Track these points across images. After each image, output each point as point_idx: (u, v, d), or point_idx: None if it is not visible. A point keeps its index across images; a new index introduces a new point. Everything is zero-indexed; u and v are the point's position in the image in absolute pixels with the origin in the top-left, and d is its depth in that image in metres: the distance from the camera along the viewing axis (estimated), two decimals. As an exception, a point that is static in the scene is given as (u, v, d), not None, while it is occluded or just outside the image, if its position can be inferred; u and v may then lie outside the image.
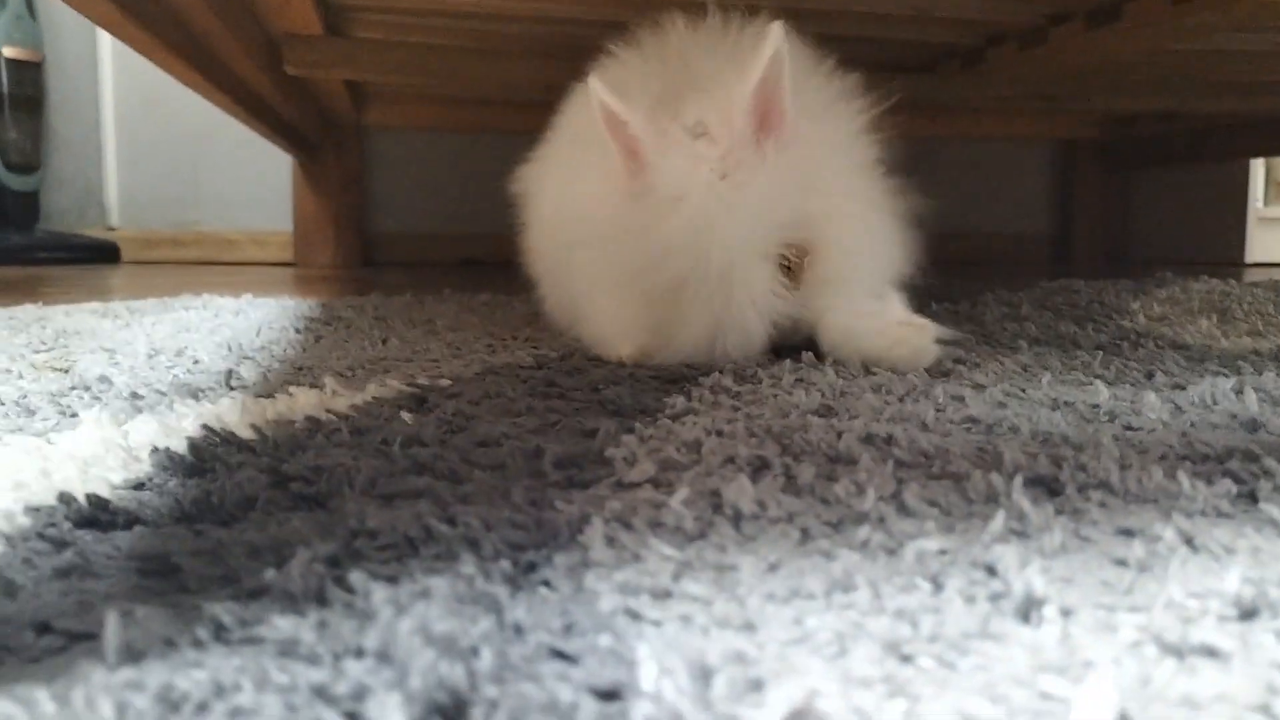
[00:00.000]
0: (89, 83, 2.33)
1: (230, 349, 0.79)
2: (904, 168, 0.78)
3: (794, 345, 0.75)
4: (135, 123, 2.34)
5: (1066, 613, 0.30)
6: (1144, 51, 1.47)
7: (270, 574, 0.31)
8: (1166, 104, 2.01)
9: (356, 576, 0.30)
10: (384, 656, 0.26)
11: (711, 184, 0.67)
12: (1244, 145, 2.19)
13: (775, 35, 0.66)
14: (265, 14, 1.36)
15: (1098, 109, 2.25)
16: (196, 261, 2.32)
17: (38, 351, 0.77)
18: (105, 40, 2.29)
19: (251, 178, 2.37)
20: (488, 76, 1.68)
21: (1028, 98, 1.93)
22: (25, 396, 0.59)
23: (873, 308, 0.73)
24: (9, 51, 2.18)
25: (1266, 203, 2.46)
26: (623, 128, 0.69)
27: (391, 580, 0.31)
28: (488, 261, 2.31)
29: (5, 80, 2.18)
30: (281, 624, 0.27)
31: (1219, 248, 2.39)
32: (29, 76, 2.22)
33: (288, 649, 0.27)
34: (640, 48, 0.81)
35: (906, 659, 0.27)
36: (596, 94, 0.68)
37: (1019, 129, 2.40)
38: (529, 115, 2.16)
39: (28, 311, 1.01)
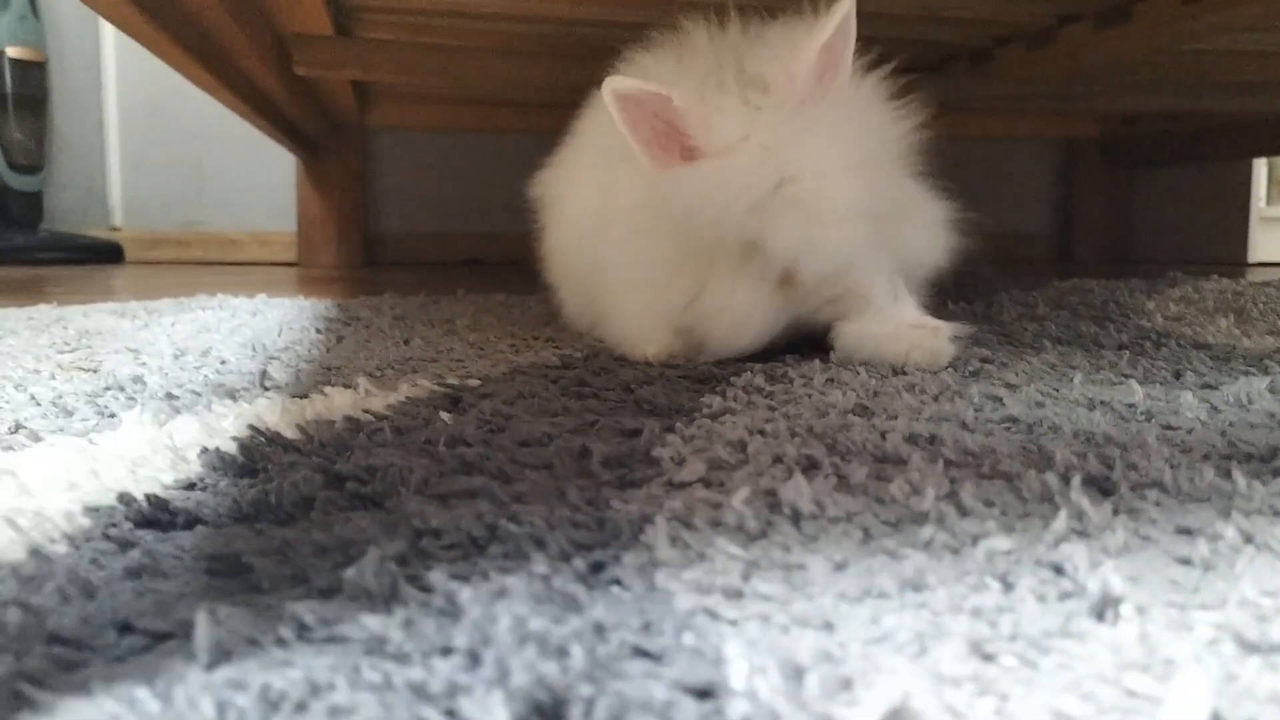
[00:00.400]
0: (93, 82, 2.32)
1: (255, 349, 0.79)
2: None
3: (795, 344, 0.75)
4: (139, 123, 2.33)
5: (1141, 611, 0.30)
6: (1152, 51, 1.47)
7: (346, 573, 0.31)
8: (1172, 103, 2.02)
9: (436, 576, 0.30)
10: (474, 655, 0.26)
11: (778, 122, 0.67)
12: (1246, 144, 2.20)
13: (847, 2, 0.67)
14: (275, 14, 1.36)
15: (1102, 108, 2.26)
16: (199, 261, 2.32)
17: (62, 352, 0.77)
18: (109, 40, 2.29)
19: (255, 178, 2.37)
20: (497, 77, 1.68)
21: (1034, 97, 1.94)
22: (60, 397, 0.59)
23: (886, 311, 0.73)
24: (12, 51, 2.17)
25: (1269, 202, 2.47)
26: (659, 108, 0.67)
27: (464, 579, 0.31)
28: (492, 261, 2.31)
29: (9, 80, 2.17)
30: (369, 622, 0.27)
31: (1221, 247, 2.40)
32: (33, 76, 2.21)
33: (374, 648, 0.27)
34: (656, 51, 0.82)
35: (989, 658, 0.27)
36: (621, 87, 0.67)
37: (1023, 128, 2.40)
38: (535, 115, 2.18)
39: (45, 312, 1.00)
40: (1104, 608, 0.30)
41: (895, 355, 0.70)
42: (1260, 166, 2.39)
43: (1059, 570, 0.33)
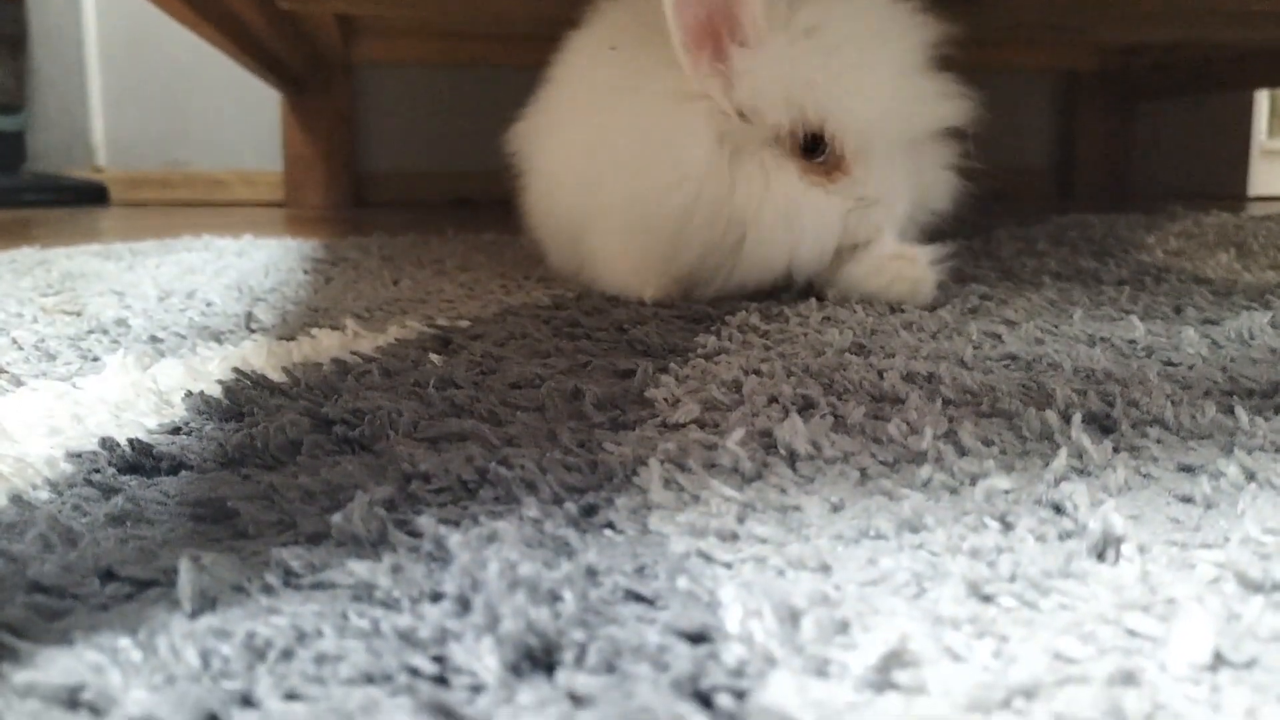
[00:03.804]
0: (72, 20, 2.26)
1: (240, 291, 0.77)
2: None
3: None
4: (120, 61, 2.28)
5: (1142, 550, 0.29)
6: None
7: (333, 518, 0.30)
8: (1172, 34, 1.98)
9: (425, 521, 0.30)
10: (464, 600, 0.25)
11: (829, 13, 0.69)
12: (1249, 76, 2.16)
13: None
14: (256, -56, 1.32)
15: (1102, 39, 2.22)
16: (185, 202, 2.28)
17: (45, 295, 0.75)
18: (86, -27, 2.23)
19: (240, 116, 2.32)
20: (481, 8, 1.64)
21: (1032, 27, 1.90)
22: (43, 340, 0.58)
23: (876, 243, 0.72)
24: (-13, -14, 2.11)
25: (1270, 135, 2.44)
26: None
27: (454, 524, 0.31)
28: (482, 200, 2.28)
29: (-16, 17, 2.12)
30: (356, 568, 0.27)
31: (1222, 181, 2.37)
32: (10, 14, 2.16)
33: (362, 594, 0.26)
34: None
35: (988, 599, 0.27)
36: None
37: (1021, 60, 2.36)
38: (521, 49, 2.13)
39: (28, 255, 0.99)
40: (1105, 547, 0.29)
41: (877, 289, 0.70)
42: (1262, 99, 2.35)
43: (1059, 509, 0.32)
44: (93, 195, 2.19)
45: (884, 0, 0.72)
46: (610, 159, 0.72)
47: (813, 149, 0.69)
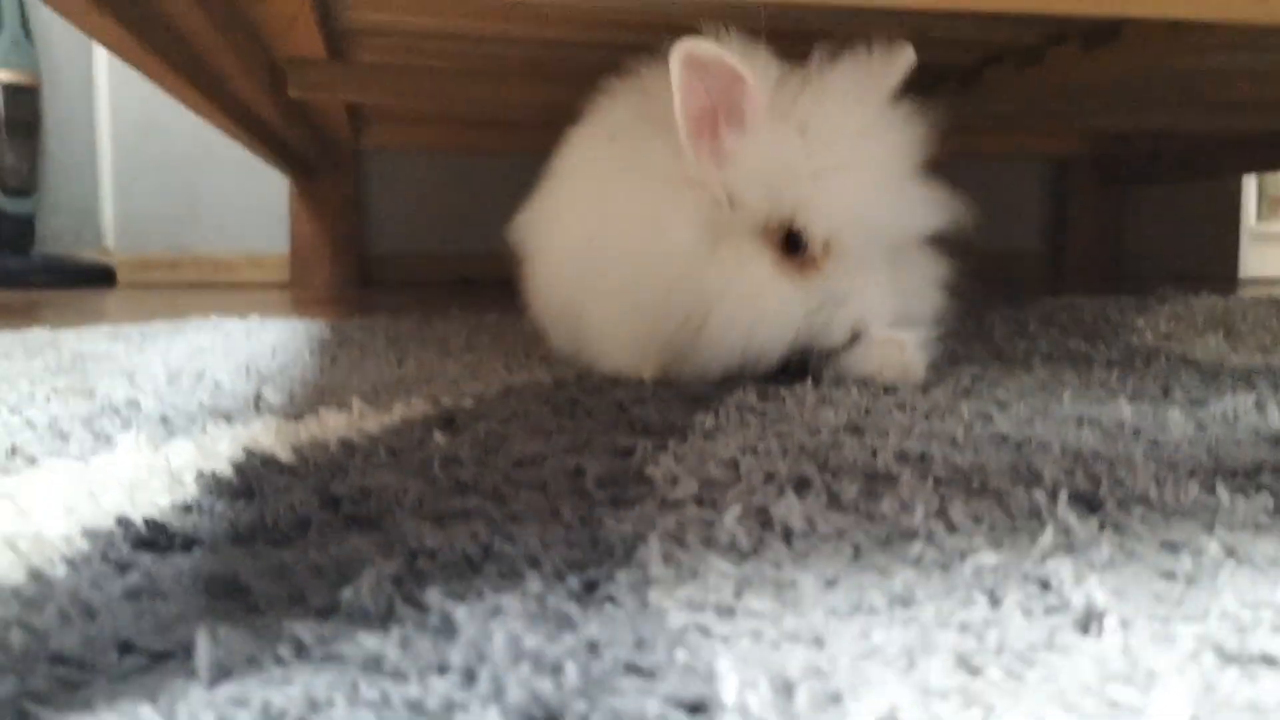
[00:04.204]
0: (85, 106, 2.33)
1: (249, 371, 0.79)
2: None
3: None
4: (131, 146, 2.34)
5: (1125, 624, 0.30)
6: (1141, 71, 1.49)
7: (342, 592, 0.31)
8: (1161, 122, 2.04)
9: (431, 595, 0.31)
10: (470, 672, 0.26)
11: (827, 107, 0.72)
12: (1236, 161, 2.22)
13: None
14: (270, 38, 1.37)
15: (1092, 126, 2.28)
16: (192, 284, 2.32)
17: (56, 375, 0.77)
18: (102, 63, 2.30)
19: (248, 200, 2.37)
20: (487, 99, 1.69)
21: (1024, 116, 1.96)
22: (56, 420, 0.59)
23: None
24: (5, 75, 2.18)
25: (1260, 218, 2.49)
26: (725, 79, 0.68)
27: (460, 598, 0.32)
28: (485, 280, 2.32)
29: (1, 104, 2.18)
30: (366, 641, 0.28)
31: (1213, 263, 2.42)
32: (25, 100, 2.22)
33: (371, 665, 0.27)
34: (639, 81, 0.82)
35: (976, 671, 0.28)
36: (698, 50, 0.67)
37: (1014, 146, 2.42)
38: (524, 136, 2.19)
39: (38, 336, 1.01)
40: (1088, 621, 0.30)
41: (869, 373, 0.72)
42: (1250, 184, 2.41)
43: (1045, 585, 0.33)
44: (100, 277, 2.23)
45: (883, 99, 0.74)
46: (607, 241, 0.75)
47: (794, 245, 0.71)
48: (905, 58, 0.76)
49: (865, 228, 0.71)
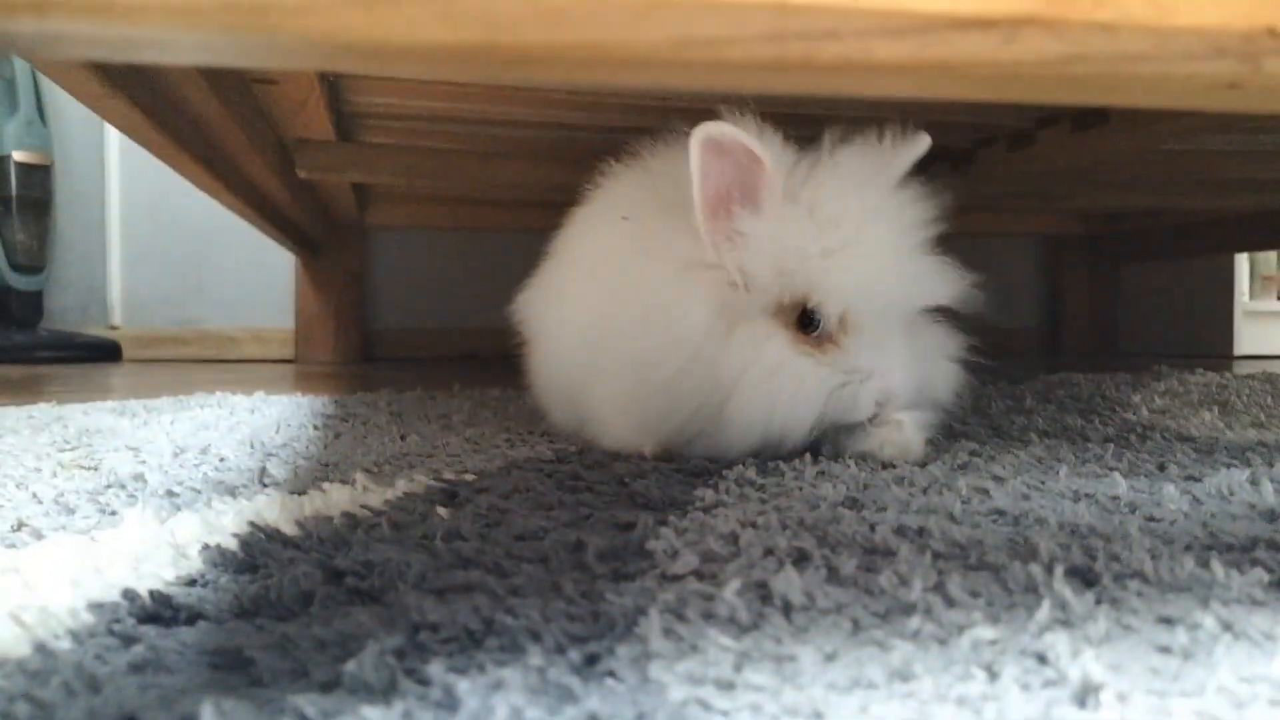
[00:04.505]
0: (96, 185, 2.38)
1: (253, 446, 0.80)
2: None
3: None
4: (140, 223, 2.38)
5: (1122, 698, 0.31)
6: (1130, 152, 1.53)
7: (345, 666, 0.32)
8: (1152, 201, 2.08)
9: (434, 669, 0.31)
10: (472, 746, 0.27)
11: (842, 188, 0.73)
12: (1228, 240, 2.26)
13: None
14: (279, 120, 1.41)
15: (1084, 205, 2.32)
16: (198, 359, 2.34)
17: (62, 450, 0.78)
18: (114, 143, 2.35)
19: (253, 276, 2.41)
20: (491, 178, 1.73)
21: (1017, 196, 2.00)
22: (62, 495, 0.60)
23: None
24: (19, 156, 2.23)
25: (1252, 296, 2.52)
26: (744, 160, 0.70)
27: (462, 672, 0.32)
28: (487, 355, 2.34)
29: (14, 183, 2.23)
30: (369, 715, 0.28)
31: (1207, 340, 2.44)
32: (38, 179, 2.27)
33: (374, 740, 0.28)
34: (641, 163, 0.84)
35: (974, 745, 0.28)
36: (717, 132, 0.69)
37: (1008, 225, 2.46)
38: (528, 214, 2.23)
39: (45, 411, 1.01)
40: (1085, 695, 0.31)
41: (868, 449, 0.72)
42: (1242, 261, 2.44)
43: (1042, 659, 0.34)
44: (106, 352, 2.25)
45: (890, 180, 0.76)
46: (617, 322, 0.75)
47: (808, 323, 0.72)
48: (920, 144, 0.77)
49: (878, 300, 0.72)
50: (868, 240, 0.72)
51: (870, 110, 1.35)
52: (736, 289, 0.72)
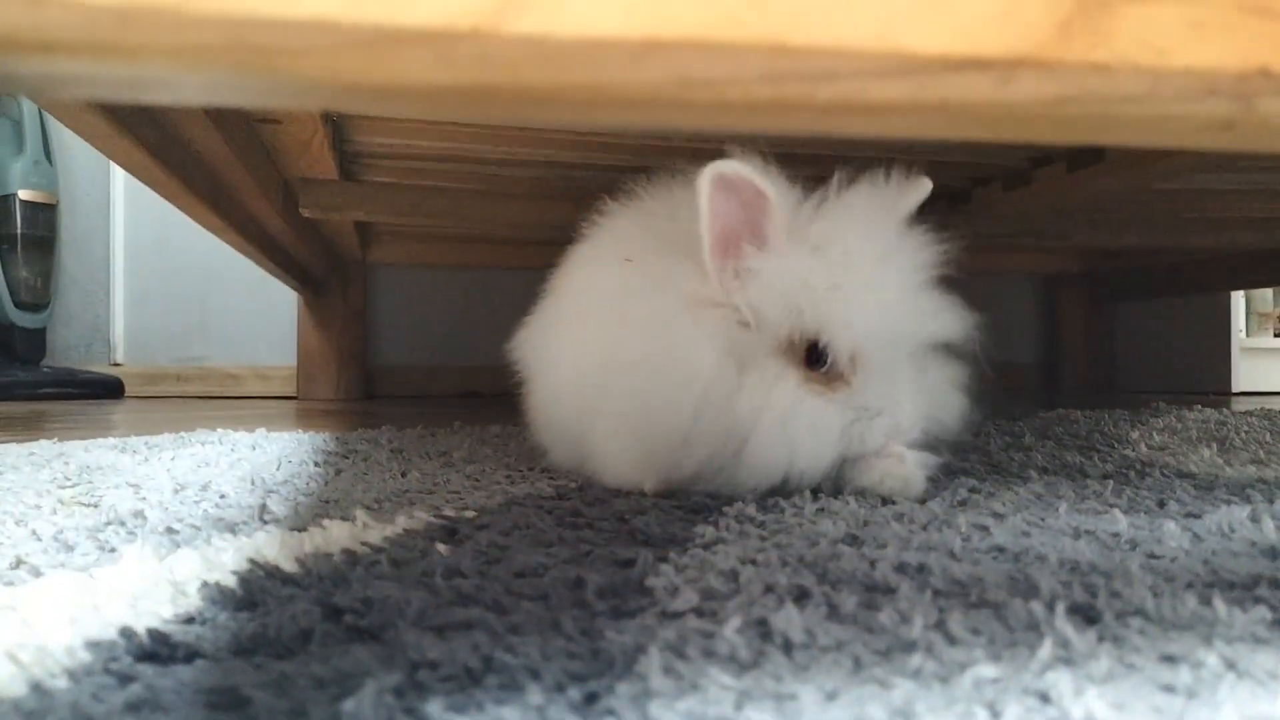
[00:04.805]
0: (100, 224, 2.40)
1: (254, 483, 0.80)
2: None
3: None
4: (143, 261, 2.40)
5: (1126, 737, 0.30)
6: (1124, 191, 1.54)
7: (344, 705, 0.31)
8: (1148, 240, 2.09)
9: (432, 707, 0.31)
10: (470, 786, 0.26)
11: (849, 232, 0.74)
12: (1224, 278, 2.27)
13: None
14: (283, 159, 1.43)
15: (1081, 243, 2.34)
16: (199, 396, 2.34)
17: (63, 487, 0.78)
18: (119, 183, 2.37)
19: (256, 314, 2.42)
20: (492, 217, 1.74)
21: (1014, 234, 2.01)
22: (61, 532, 0.59)
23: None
24: (25, 194, 2.25)
25: (1249, 333, 2.53)
26: (752, 201, 0.70)
27: (460, 711, 0.32)
28: (488, 393, 2.34)
29: (20, 222, 2.24)
30: (367, 754, 0.28)
31: (1205, 377, 2.44)
32: (43, 218, 2.29)
33: (372, 780, 0.27)
34: (639, 202, 0.85)
35: (977, 785, 0.28)
36: (728, 170, 0.69)
37: (1004, 263, 2.48)
38: (529, 252, 2.24)
39: (46, 447, 1.01)
40: (1089, 735, 0.30)
41: (869, 484, 0.72)
42: (1239, 299, 2.45)
43: (1045, 698, 0.33)
44: (108, 389, 2.25)
45: (896, 221, 0.76)
46: (619, 362, 0.75)
47: (817, 360, 0.72)
48: (922, 188, 0.78)
49: (887, 336, 0.73)
50: (876, 278, 0.72)
51: (867, 150, 1.37)
52: (746, 328, 0.72)
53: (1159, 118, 0.34)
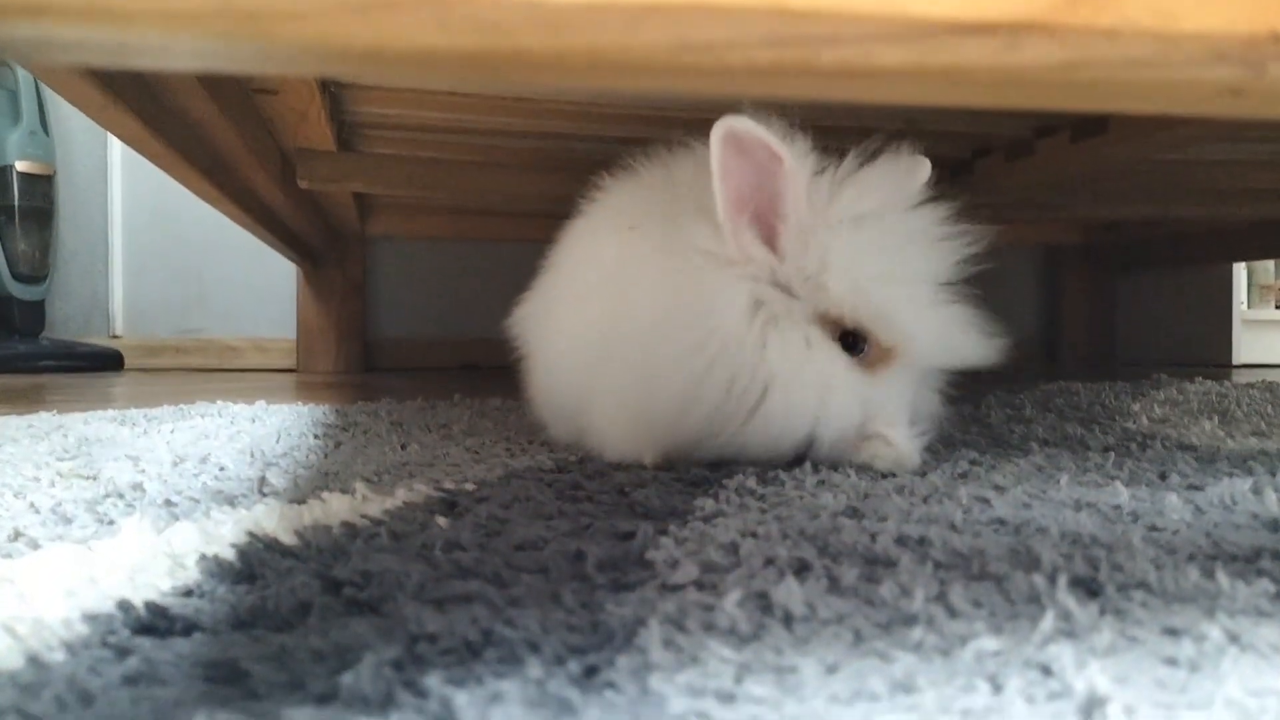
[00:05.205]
0: (98, 195, 2.38)
1: (253, 456, 0.79)
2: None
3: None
4: (142, 234, 2.39)
5: (1129, 711, 0.30)
6: (1128, 162, 1.53)
7: (341, 678, 0.31)
8: (1150, 211, 2.08)
9: (431, 681, 0.31)
10: (469, 759, 0.26)
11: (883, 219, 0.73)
12: (1226, 250, 2.26)
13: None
14: (281, 130, 1.41)
15: (1083, 215, 2.32)
16: (199, 369, 2.34)
17: (61, 459, 0.77)
18: (116, 154, 2.36)
19: (255, 286, 2.41)
20: (491, 189, 1.73)
21: (1015, 206, 2.00)
22: (60, 504, 0.59)
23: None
24: (22, 166, 2.23)
25: (1251, 305, 2.52)
26: (766, 162, 0.69)
27: (460, 684, 0.32)
28: (488, 366, 2.34)
29: (17, 193, 2.23)
30: (365, 728, 0.28)
31: (1206, 350, 2.44)
32: (40, 189, 2.27)
33: (370, 753, 0.27)
34: (637, 176, 0.84)
35: (978, 758, 0.28)
36: (739, 127, 0.67)
37: (1006, 235, 2.46)
38: (529, 225, 2.23)
39: (45, 420, 1.01)
40: (1091, 708, 0.30)
41: (864, 460, 0.72)
42: (1240, 270, 2.44)
43: (1047, 671, 0.33)
44: (108, 361, 2.25)
45: (915, 200, 0.75)
46: (622, 331, 0.74)
47: (851, 343, 0.72)
48: (922, 170, 0.77)
49: (938, 354, 0.73)
50: (931, 281, 0.73)
51: (868, 120, 1.35)
52: (776, 289, 0.72)
53: (1167, 83, 0.33)
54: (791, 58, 0.28)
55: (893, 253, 0.71)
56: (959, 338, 0.73)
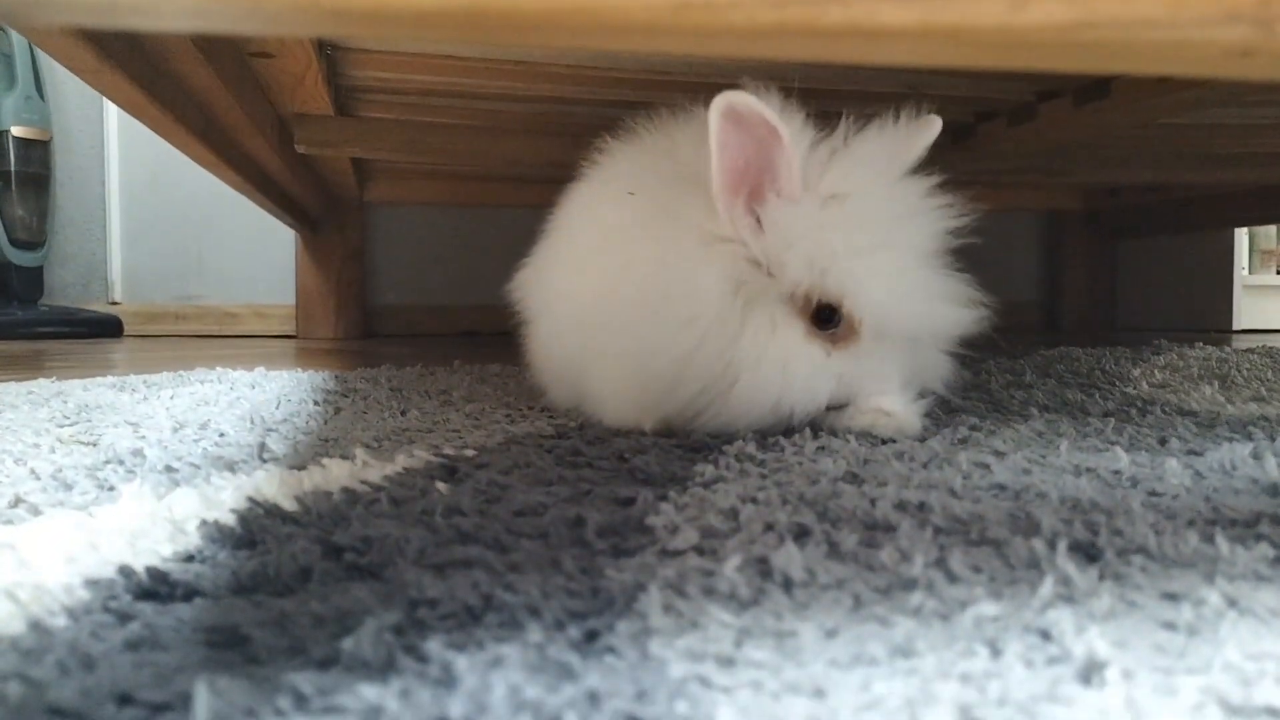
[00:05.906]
0: (95, 160, 2.37)
1: (253, 422, 0.79)
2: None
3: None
4: (140, 199, 2.37)
5: (1127, 675, 0.30)
6: (1131, 126, 1.52)
7: (342, 643, 0.31)
8: (1152, 176, 2.07)
9: (432, 645, 0.31)
10: (470, 723, 0.26)
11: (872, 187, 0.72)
12: (1228, 215, 2.24)
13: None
14: (278, 95, 1.40)
15: (1084, 181, 2.31)
16: (198, 335, 2.33)
17: (61, 425, 0.77)
18: (112, 119, 2.34)
19: (254, 252, 2.40)
20: (490, 154, 1.72)
21: (1017, 171, 1.98)
22: (60, 470, 0.59)
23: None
24: (18, 130, 2.22)
25: (1252, 270, 2.51)
26: (765, 137, 0.68)
27: (460, 649, 0.32)
28: (487, 332, 2.34)
29: (13, 158, 2.21)
30: (366, 692, 0.28)
31: (1207, 315, 2.43)
32: (36, 155, 2.26)
33: (371, 717, 0.27)
34: (639, 140, 0.83)
35: (978, 722, 0.28)
36: (738, 102, 0.66)
37: (1008, 200, 2.45)
38: (529, 190, 2.22)
39: (44, 386, 1.01)
40: (1090, 672, 0.30)
41: (863, 428, 0.72)
42: (1241, 236, 2.44)
43: (1046, 635, 0.33)
44: (107, 328, 2.25)
45: (908, 167, 0.75)
46: (622, 297, 0.74)
47: (828, 320, 0.71)
48: (932, 129, 0.76)
49: (908, 323, 0.72)
50: (903, 253, 0.71)
51: (869, 85, 1.34)
52: (756, 267, 0.71)
53: (1177, 43, 0.33)
54: (795, 17, 0.27)
55: (862, 226, 0.70)
56: (928, 306, 0.72)
